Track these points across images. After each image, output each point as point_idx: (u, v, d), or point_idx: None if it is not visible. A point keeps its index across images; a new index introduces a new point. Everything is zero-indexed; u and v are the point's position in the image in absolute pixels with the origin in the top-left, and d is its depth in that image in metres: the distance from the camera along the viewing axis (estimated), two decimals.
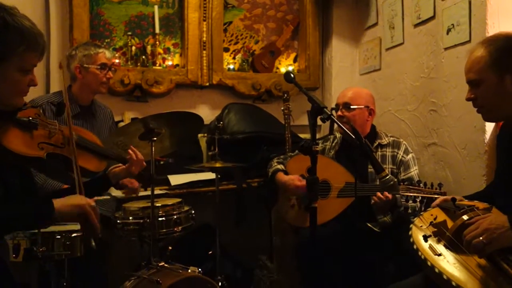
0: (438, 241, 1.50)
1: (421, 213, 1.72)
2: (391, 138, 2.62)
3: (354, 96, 2.62)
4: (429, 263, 1.40)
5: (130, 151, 1.96)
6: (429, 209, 1.75)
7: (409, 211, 2.32)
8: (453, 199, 1.67)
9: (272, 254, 2.96)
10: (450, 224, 1.54)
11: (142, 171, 2.05)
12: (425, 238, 1.52)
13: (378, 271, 2.45)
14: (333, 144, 2.72)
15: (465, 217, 1.49)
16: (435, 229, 1.55)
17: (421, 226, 1.61)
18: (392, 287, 1.68)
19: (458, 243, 1.44)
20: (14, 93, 1.43)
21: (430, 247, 1.47)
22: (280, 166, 2.69)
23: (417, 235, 1.55)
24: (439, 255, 1.43)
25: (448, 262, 1.40)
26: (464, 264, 1.37)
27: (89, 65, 2.50)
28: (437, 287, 1.41)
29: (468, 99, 1.71)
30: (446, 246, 1.46)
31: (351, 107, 2.57)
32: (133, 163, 1.94)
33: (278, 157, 2.80)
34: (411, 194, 2.15)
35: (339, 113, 2.59)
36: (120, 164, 2.00)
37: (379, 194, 2.21)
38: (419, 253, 1.46)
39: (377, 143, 2.59)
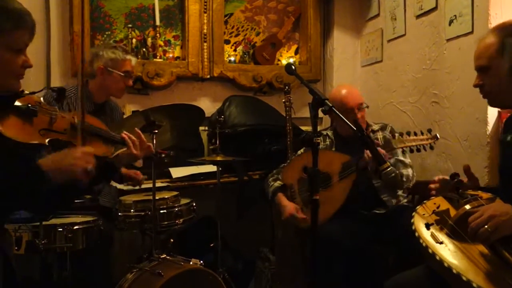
0: (440, 229, 1.50)
1: (424, 201, 1.72)
2: (379, 124, 2.68)
3: (359, 95, 2.64)
4: (430, 251, 1.41)
5: (123, 134, 1.83)
6: (432, 198, 1.74)
7: (404, 179, 2.39)
8: (454, 176, 1.69)
9: (273, 247, 2.97)
10: (453, 212, 1.54)
11: (152, 155, 2.02)
12: (427, 226, 1.52)
13: (380, 263, 2.46)
14: (327, 142, 2.70)
15: (467, 207, 1.49)
16: (438, 217, 1.55)
17: (424, 214, 1.61)
18: (394, 279, 1.68)
19: (460, 231, 1.44)
20: (7, 75, 1.40)
21: (432, 235, 1.48)
22: (277, 183, 2.66)
23: (419, 223, 1.55)
24: (441, 243, 1.43)
25: (449, 250, 1.40)
26: (465, 253, 1.37)
27: (114, 69, 2.46)
28: (439, 278, 1.41)
29: (475, 86, 1.71)
30: (448, 235, 1.47)
31: (367, 106, 2.62)
32: (130, 146, 1.83)
33: (272, 174, 2.77)
34: (406, 145, 2.17)
35: (359, 116, 2.54)
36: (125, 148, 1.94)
37: (367, 152, 2.21)
38: (421, 241, 1.47)
39: (370, 130, 2.63)
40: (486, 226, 1.32)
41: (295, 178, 2.57)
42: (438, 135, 2.20)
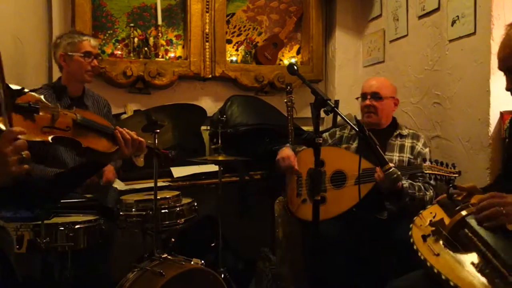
0: (436, 241, 1.50)
1: (421, 211, 1.71)
2: (411, 131, 2.65)
3: (382, 86, 2.61)
4: (428, 264, 1.41)
5: (117, 133, 1.74)
6: (428, 206, 1.74)
7: (415, 202, 2.32)
8: (448, 181, 1.67)
9: (274, 246, 2.97)
10: (447, 221, 1.54)
11: (157, 150, 2.01)
12: (424, 238, 1.53)
13: (381, 264, 2.45)
14: (352, 132, 2.69)
15: (464, 213, 1.49)
16: (433, 228, 1.55)
17: (421, 225, 1.62)
18: (394, 282, 1.67)
19: (454, 242, 1.44)
20: None
21: (429, 247, 1.48)
22: (290, 146, 2.69)
23: (417, 235, 1.56)
24: (437, 255, 1.44)
25: (445, 261, 1.40)
26: (461, 264, 1.38)
27: (73, 53, 2.47)
28: (438, 281, 1.41)
29: (508, 89, 1.54)
30: (444, 245, 1.47)
31: (381, 97, 2.57)
32: (121, 144, 1.75)
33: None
34: (432, 172, 2.24)
35: (367, 102, 2.58)
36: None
37: (378, 168, 2.22)
38: (419, 254, 1.48)
39: (397, 132, 2.61)
40: (502, 208, 1.32)
41: (306, 167, 2.56)
42: (461, 171, 2.31)
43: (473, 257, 1.37)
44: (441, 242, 1.48)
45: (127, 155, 1.80)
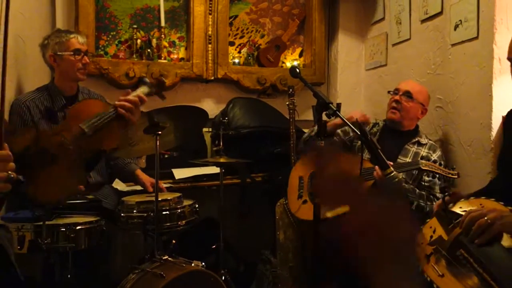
0: (438, 260, 1.51)
1: (421, 227, 1.70)
2: (430, 141, 2.62)
3: (417, 90, 2.61)
4: (435, 286, 1.43)
5: (120, 111, 1.71)
6: (428, 220, 1.73)
7: (413, 207, 2.32)
8: (443, 189, 1.67)
9: (274, 249, 2.96)
10: (445, 237, 1.54)
11: (153, 89, 2.00)
12: (427, 258, 1.53)
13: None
14: (374, 129, 2.69)
15: (457, 230, 1.49)
16: (434, 247, 1.55)
17: (422, 243, 1.62)
18: None
19: (454, 262, 1.44)
20: None
21: (433, 267, 1.49)
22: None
23: (421, 256, 1.56)
24: (442, 275, 1.44)
25: (451, 281, 1.41)
26: (464, 283, 1.38)
27: (63, 52, 2.43)
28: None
29: None
30: (446, 264, 1.47)
31: (412, 97, 2.56)
32: (129, 118, 1.74)
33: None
34: (430, 169, 2.23)
35: (397, 97, 2.57)
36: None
37: (377, 167, 2.22)
38: (425, 275, 1.48)
39: (416, 139, 2.59)
40: (485, 218, 1.33)
41: (308, 172, 2.57)
42: (459, 173, 2.30)
43: (473, 277, 1.38)
44: (443, 261, 1.49)
45: (137, 121, 1.82)
